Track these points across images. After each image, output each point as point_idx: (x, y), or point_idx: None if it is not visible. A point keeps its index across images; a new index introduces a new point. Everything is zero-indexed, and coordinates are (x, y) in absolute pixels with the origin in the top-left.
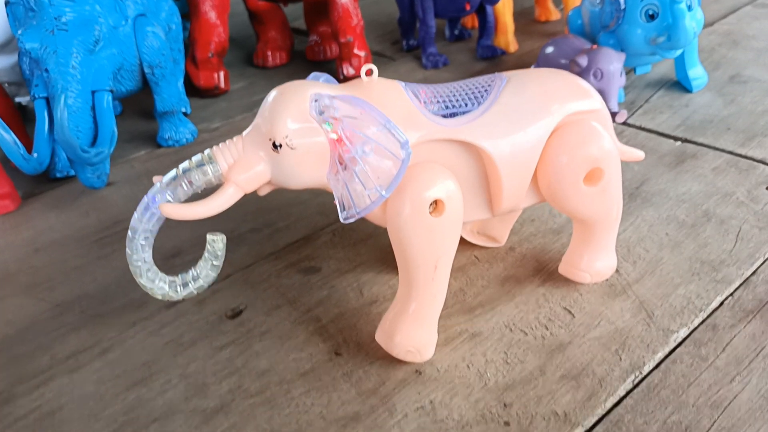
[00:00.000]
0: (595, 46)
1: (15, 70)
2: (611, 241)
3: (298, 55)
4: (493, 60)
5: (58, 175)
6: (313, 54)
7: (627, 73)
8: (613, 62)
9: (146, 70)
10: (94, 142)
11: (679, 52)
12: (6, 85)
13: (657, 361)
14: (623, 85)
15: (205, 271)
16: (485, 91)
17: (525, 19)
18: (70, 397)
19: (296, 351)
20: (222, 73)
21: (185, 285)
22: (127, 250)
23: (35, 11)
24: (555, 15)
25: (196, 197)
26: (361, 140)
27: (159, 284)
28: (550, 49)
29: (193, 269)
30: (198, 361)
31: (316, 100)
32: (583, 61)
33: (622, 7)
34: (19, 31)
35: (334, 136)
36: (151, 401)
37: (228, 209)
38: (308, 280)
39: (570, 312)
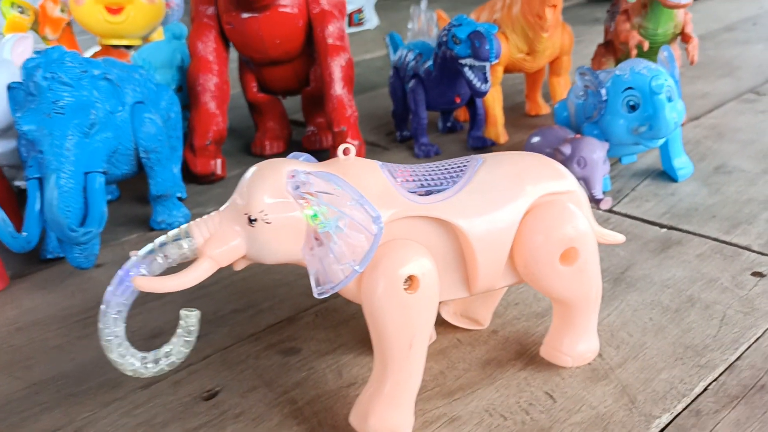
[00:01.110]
0: (578, 136)
1: (15, 154)
2: (592, 323)
3: (296, 145)
4: (483, 150)
5: (49, 256)
6: (310, 143)
7: (613, 163)
8: (596, 150)
9: (141, 155)
10: (83, 223)
11: (661, 141)
12: (5, 168)
13: None
14: (607, 173)
15: (177, 348)
16: (461, 170)
17: (516, 113)
18: None
19: None
20: (219, 161)
21: (156, 361)
22: (99, 324)
23: (35, 95)
24: (545, 109)
25: (172, 271)
26: (334, 215)
27: (129, 360)
28: (536, 139)
29: (165, 345)
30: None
31: (292, 176)
32: (567, 149)
33: (604, 98)
34: (18, 114)
35: (309, 212)
36: None
37: (213, 289)
38: (287, 361)
39: (551, 396)
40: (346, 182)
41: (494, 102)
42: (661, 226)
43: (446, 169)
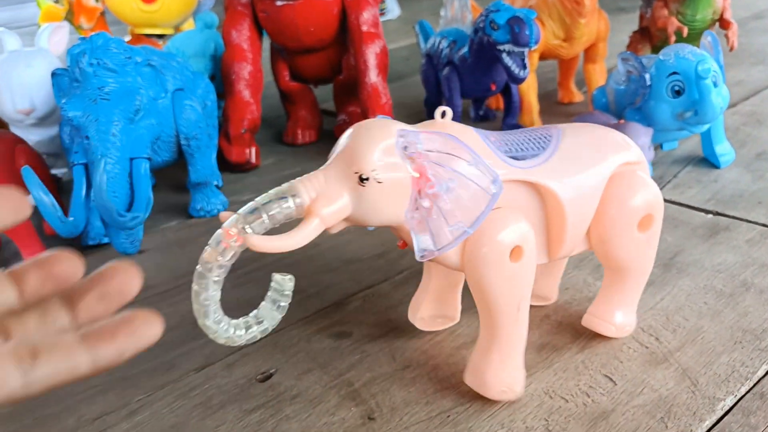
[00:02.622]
0: (622, 121)
1: (54, 142)
2: (637, 297)
3: (327, 134)
4: None
5: (91, 242)
6: (342, 132)
7: (654, 149)
8: (641, 136)
9: (182, 142)
10: (129, 208)
11: (706, 127)
12: (44, 156)
13: (705, 429)
14: (651, 159)
15: (270, 313)
16: (546, 139)
17: (548, 101)
18: None
19: (327, 415)
20: (253, 149)
21: (248, 327)
22: (195, 286)
23: (80, 81)
24: (578, 97)
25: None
26: (446, 175)
27: (224, 326)
28: None
29: (256, 311)
30: (227, 424)
31: (402, 136)
32: None
33: (648, 83)
34: (63, 100)
35: (415, 173)
36: None
37: (258, 275)
38: (339, 344)
39: (611, 379)
40: (461, 141)
41: (529, 89)
42: (707, 212)
43: (532, 137)
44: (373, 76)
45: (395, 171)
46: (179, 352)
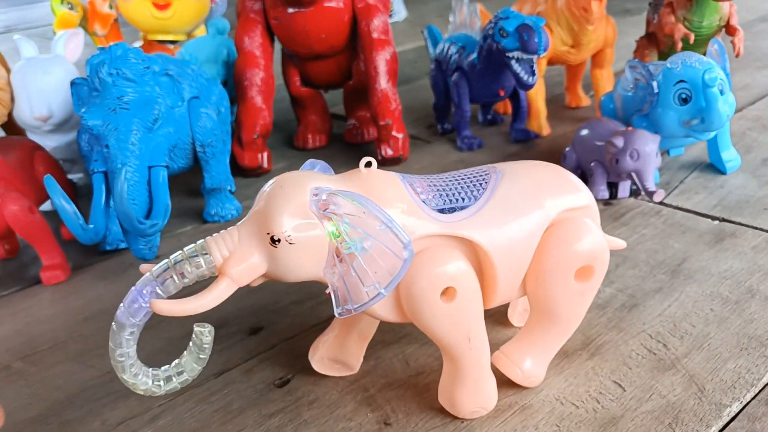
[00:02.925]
0: (630, 128)
1: (70, 148)
2: (556, 349)
3: (336, 138)
4: (526, 143)
5: (108, 248)
6: (352, 137)
7: (661, 155)
8: (648, 143)
9: (198, 149)
10: (147, 215)
11: (712, 134)
12: (61, 162)
13: None
14: (658, 166)
15: (190, 365)
16: (481, 185)
17: (555, 105)
18: None
19: (345, 420)
20: (265, 154)
21: (168, 379)
22: (110, 343)
23: (99, 91)
24: (585, 101)
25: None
26: (360, 237)
27: (142, 379)
28: (584, 132)
29: (177, 361)
30: (248, 428)
31: (315, 195)
32: (619, 142)
33: (656, 91)
34: (83, 110)
35: (331, 229)
36: None
37: (270, 282)
38: None
39: (620, 386)
40: (374, 203)
41: (537, 94)
42: (713, 218)
43: (466, 182)
44: (383, 83)
45: (309, 230)
46: None
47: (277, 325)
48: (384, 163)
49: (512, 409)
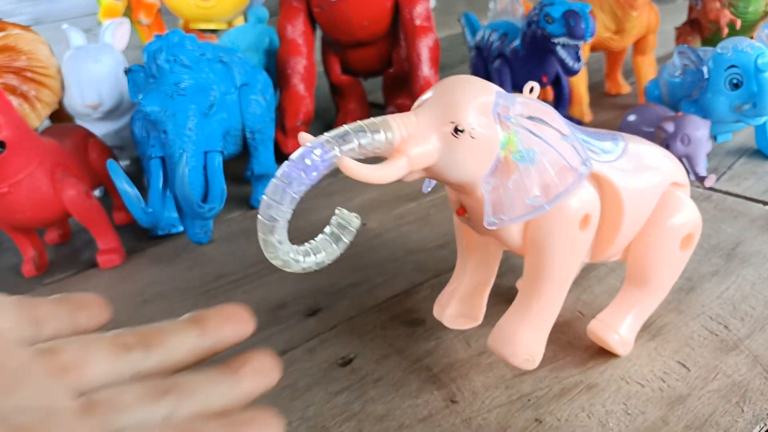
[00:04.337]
0: (680, 114)
1: (118, 135)
2: (647, 316)
3: None
4: None
5: (160, 233)
6: None
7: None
8: (699, 128)
9: (248, 135)
10: (204, 200)
11: (763, 119)
12: None
13: None
14: (708, 151)
15: (330, 246)
16: (614, 140)
17: (595, 92)
18: None
19: (411, 398)
20: None
21: (307, 255)
22: (268, 198)
23: (156, 77)
24: (625, 88)
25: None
26: (536, 145)
27: (286, 247)
28: (632, 117)
29: (314, 242)
30: (315, 405)
31: (500, 97)
32: (670, 127)
33: (706, 76)
34: (140, 96)
35: (506, 136)
36: None
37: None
38: (414, 331)
39: (684, 366)
40: (560, 115)
41: (580, 81)
42: (765, 203)
43: (602, 136)
44: (426, 69)
45: (488, 129)
46: (259, 337)
47: (335, 306)
48: None
49: (578, 387)
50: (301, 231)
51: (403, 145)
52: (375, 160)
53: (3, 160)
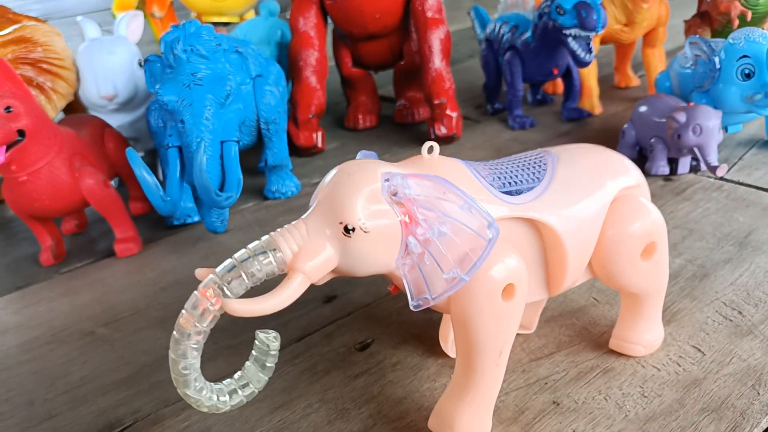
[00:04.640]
0: (692, 104)
1: (133, 126)
2: (660, 311)
3: (385, 119)
4: (578, 121)
5: (176, 222)
6: (402, 117)
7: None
8: (711, 118)
9: (262, 126)
10: (220, 189)
11: None
12: None
13: None
14: (720, 142)
15: (256, 375)
16: (540, 166)
17: (604, 85)
18: (216, 419)
19: (429, 381)
20: (320, 134)
21: (233, 392)
22: (171, 354)
23: (173, 68)
24: (634, 81)
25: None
26: (438, 220)
27: (206, 395)
28: (643, 108)
29: (240, 373)
30: (335, 388)
31: (387, 180)
32: (682, 117)
33: (717, 67)
34: (157, 86)
35: (404, 218)
36: (296, 423)
37: None
38: (430, 317)
39: (699, 350)
40: (452, 183)
41: (590, 73)
42: None
43: (525, 165)
44: (437, 62)
45: (382, 217)
46: (276, 323)
47: (351, 294)
48: (437, 142)
49: (594, 371)
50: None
51: (295, 261)
52: None
53: (22, 149)
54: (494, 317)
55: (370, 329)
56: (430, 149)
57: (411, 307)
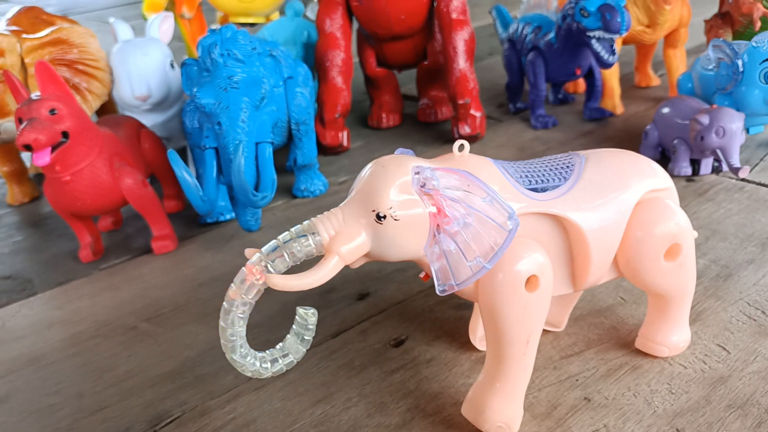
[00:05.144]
0: (714, 107)
1: (165, 126)
2: (686, 314)
3: (409, 118)
4: (600, 121)
5: (209, 220)
6: (425, 116)
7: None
8: (734, 121)
9: (293, 127)
10: (255, 189)
11: None
12: None
13: None
14: (742, 143)
15: (295, 347)
16: (568, 167)
17: (624, 85)
18: (260, 411)
19: (464, 377)
20: (345, 133)
21: (274, 361)
22: (221, 323)
23: (210, 71)
24: (655, 81)
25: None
26: (463, 211)
27: (250, 360)
28: (666, 110)
29: (281, 344)
30: (372, 383)
31: (417, 173)
32: (705, 119)
33: (741, 69)
34: (195, 89)
35: (433, 209)
36: (337, 416)
37: None
38: (462, 315)
39: (725, 348)
40: (477, 177)
41: (612, 74)
42: None
43: (553, 166)
44: (461, 62)
45: (412, 208)
46: None
47: (383, 291)
48: None
49: (623, 368)
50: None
51: (332, 244)
52: None
53: (66, 150)
54: (519, 307)
55: (404, 326)
56: (461, 147)
57: (437, 292)
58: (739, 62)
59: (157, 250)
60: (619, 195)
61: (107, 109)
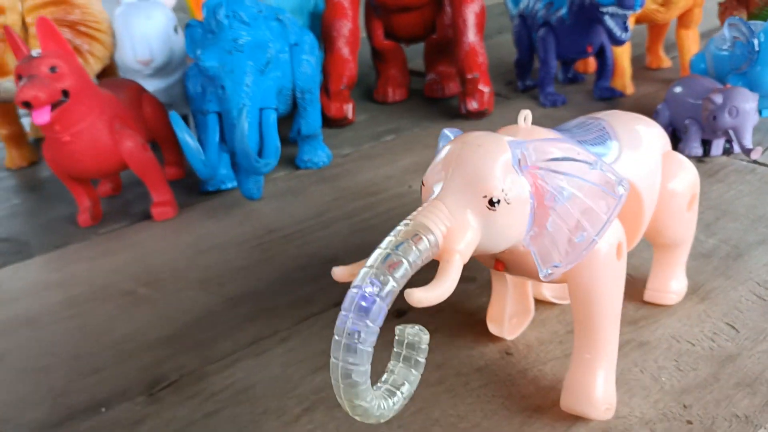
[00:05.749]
0: (728, 86)
1: (167, 92)
2: (685, 262)
3: (414, 93)
4: (610, 101)
5: (210, 188)
6: (432, 91)
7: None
8: (748, 101)
9: (298, 95)
10: (258, 155)
11: None
12: None
13: None
14: (756, 124)
15: (407, 374)
16: (602, 131)
17: (635, 66)
18: (259, 376)
19: (467, 349)
20: (350, 105)
21: (392, 394)
22: (345, 364)
23: (215, 33)
24: (666, 62)
25: None
26: (566, 182)
27: (375, 405)
28: (678, 89)
29: (389, 376)
30: (375, 351)
31: (515, 148)
32: (718, 98)
33: (757, 49)
34: (198, 51)
35: (532, 186)
36: None
37: (374, 222)
38: (465, 288)
39: (733, 327)
40: (580, 145)
41: (623, 53)
42: None
43: (589, 129)
44: (471, 36)
45: (519, 187)
46: (314, 288)
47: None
48: (468, 117)
49: (630, 344)
50: (348, 190)
51: (448, 242)
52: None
53: (66, 109)
54: (613, 278)
55: (404, 299)
56: (525, 118)
57: (541, 277)
58: (755, 41)
59: (157, 216)
60: (653, 152)
61: (109, 73)
